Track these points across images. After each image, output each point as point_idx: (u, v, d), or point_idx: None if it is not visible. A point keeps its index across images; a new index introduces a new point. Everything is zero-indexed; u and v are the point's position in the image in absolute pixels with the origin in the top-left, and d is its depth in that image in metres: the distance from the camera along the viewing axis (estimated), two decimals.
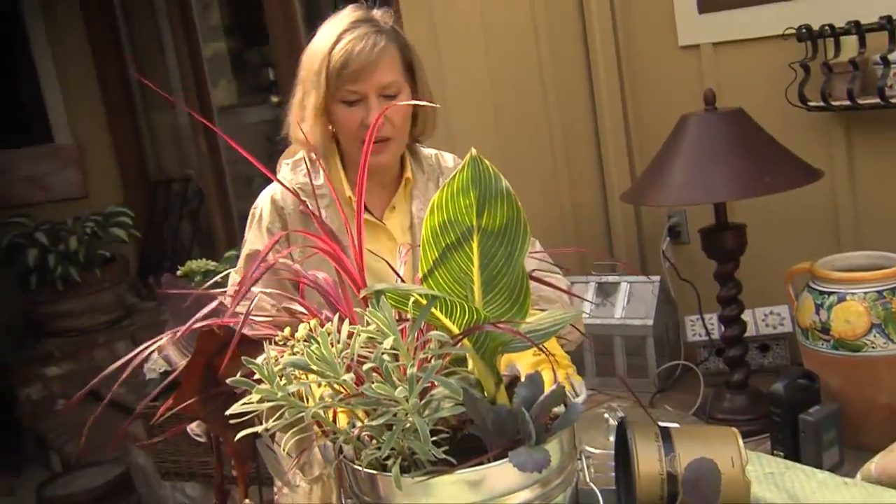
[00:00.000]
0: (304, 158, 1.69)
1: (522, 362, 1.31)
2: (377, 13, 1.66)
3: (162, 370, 2.19)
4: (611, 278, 2.49)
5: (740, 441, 1.20)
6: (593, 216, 2.71)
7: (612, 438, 1.34)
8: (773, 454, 1.74)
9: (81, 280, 4.11)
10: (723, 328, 2.06)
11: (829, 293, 1.80)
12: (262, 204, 1.68)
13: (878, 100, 1.94)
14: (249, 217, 1.71)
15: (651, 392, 2.29)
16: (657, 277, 2.43)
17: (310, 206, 1.27)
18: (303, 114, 1.65)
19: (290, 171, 1.70)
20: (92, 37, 4.84)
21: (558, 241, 2.68)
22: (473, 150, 1.06)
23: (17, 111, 5.16)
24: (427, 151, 1.79)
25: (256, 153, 1.85)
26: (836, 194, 2.20)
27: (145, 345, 1.02)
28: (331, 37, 1.60)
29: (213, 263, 2.53)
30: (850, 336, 1.75)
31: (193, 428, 1.21)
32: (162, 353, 1.52)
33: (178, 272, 2.46)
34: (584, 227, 2.73)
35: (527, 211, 1.00)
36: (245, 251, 1.68)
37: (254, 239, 1.68)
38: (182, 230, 4.68)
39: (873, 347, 1.73)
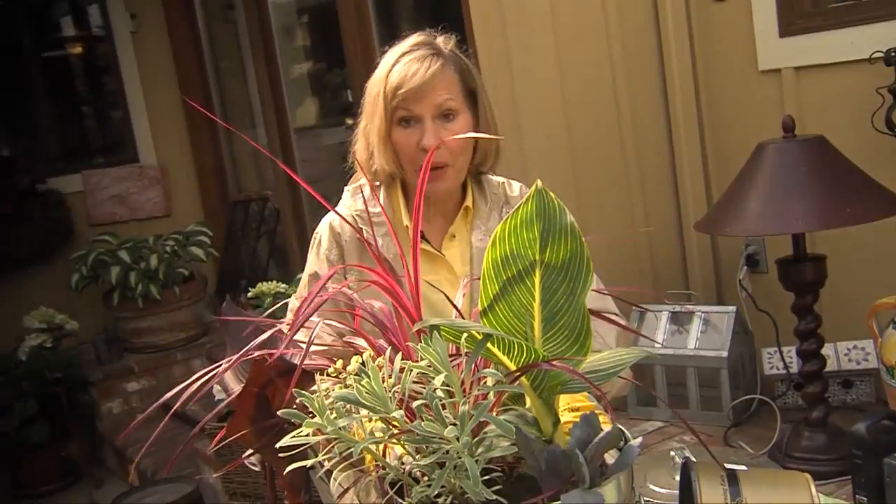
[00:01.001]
0: (363, 185, 1.69)
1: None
2: (440, 39, 1.66)
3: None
4: (685, 307, 2.42)
5: (813, 488, 1.14)
6: (669, 243, 2.65)
7: (678, 477, 1.29)
8: (855, 499, 1.66)
9: (161, 298, 4.21)
10: (801, 362, 1.98)
11: None
12: (322, 231, 1.68)
13: None
14: (311, 242, 1.71)
15: (725, 426, 2.22)
16: (733, 307, 2.36)
17: (366, 235, 1.25)
18: (367, 141, 1.65)
19: (350, 197, 1.69)
20: (177, 60, 5.00)
21: (633, 269, 2.62)
22: (539, 182, 1.03)
23: (106, 132, 5.36)
24: (495, 179, 1.75)
25: (334, 174, 1.87)
26: None
27: (201, 372, 1.02)
28: (390, 61, 1.61)
29: (284, 286, 2.54)
30: None
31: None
32: (218, 379, 1.53)
33: (250, 293, 2.48)
34: (660, 254, 2.66)
35: (601, 238, 0.97)
36: (305, 276, 1.69)
37: (312, 264, 1.68)
38: (259, 249, 4.75)
39: None
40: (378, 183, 1.67)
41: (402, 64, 1.58)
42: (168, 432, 1.26)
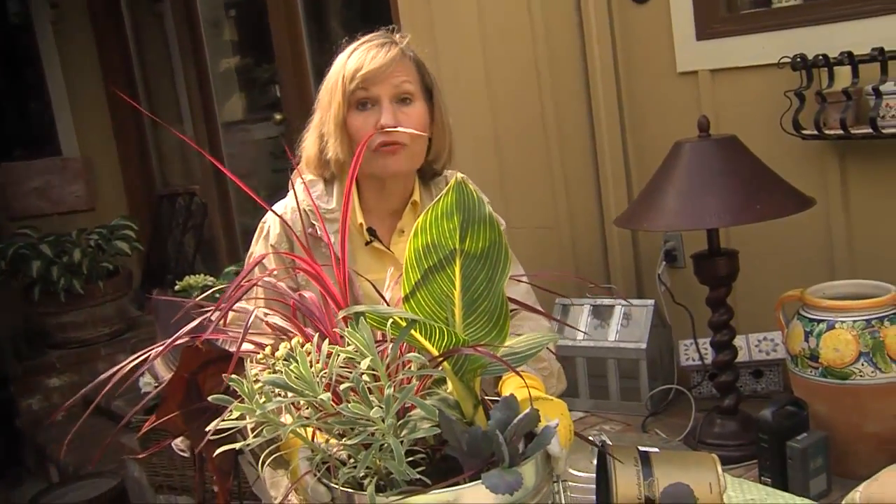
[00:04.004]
0: (314, 180, 1.70)
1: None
2: (396, 35, 1.70)
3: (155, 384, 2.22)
4: (605, 301, 2.50)
5: (719, 467, 1.21)
6: (591, 238, 2.73)
7: (595, 461, 1.35)
8: (760, 481, 1.75)
9: (84, 292, 4.14)
10: (714, 353, 2.07)
11: (819, 321, 1.81)
12: (272, 221, 1.67)
13: (870, 129, 1.96)
14: (257, 231, 1.70)
15: (643, 415, 2.30)
16: (651, 301, 2.44)
17: (317, 231, 1.27)
18: (319, 133, 1.67)
19: (303, 191, 1.66)
20: (101, 52, 4.92)
21: (555, 262, 2.69)
22: (459, 175, 1.08)
23: (27, 124, 5.24)
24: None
25: (262, 169, 1.88)
26: (831, 222, 2.21)
27: (129, 359, 1.03)
28: (349, 50, 1.65)
29: (212, 279, 2.55)
30: (839, 364, 1.76)
31: (178, 443, 1.22)
32: (149, 367, 1.54)
33: (177, 286, 2.48)
34: (581, 248, 2.74)
35: (524, 232, 1.02)
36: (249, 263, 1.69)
37: (258, 252, 1.67)
38: (186, 244, 4.71)
39: (861, 376, 1.73)
40: (327, 176, 1.69)
41: (360, 50, 1.63)
42: (91, 428, 1.26)
